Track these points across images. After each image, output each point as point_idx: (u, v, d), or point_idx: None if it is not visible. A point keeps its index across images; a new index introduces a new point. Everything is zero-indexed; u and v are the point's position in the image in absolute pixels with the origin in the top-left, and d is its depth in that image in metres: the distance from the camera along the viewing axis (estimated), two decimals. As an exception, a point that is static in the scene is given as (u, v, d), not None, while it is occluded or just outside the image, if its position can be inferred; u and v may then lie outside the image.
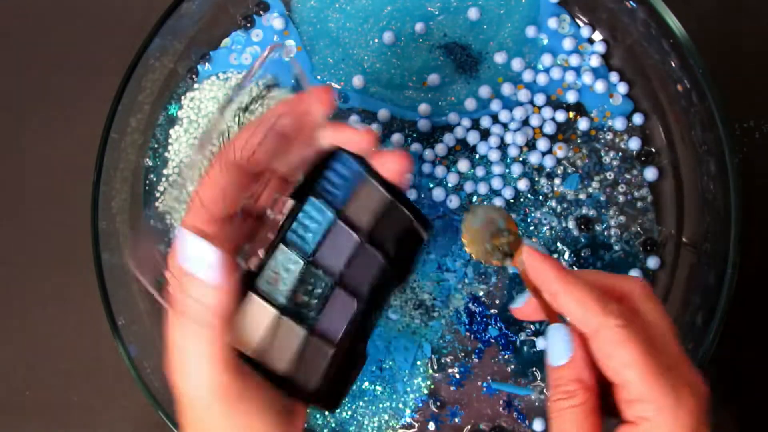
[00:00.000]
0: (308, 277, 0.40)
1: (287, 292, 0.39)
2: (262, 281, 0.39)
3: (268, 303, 0.39)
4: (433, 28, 0.54)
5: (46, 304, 0.57)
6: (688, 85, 0.50)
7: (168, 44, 0.53)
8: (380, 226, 0.41)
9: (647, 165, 0.53)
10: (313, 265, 0.40)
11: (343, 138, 0.40)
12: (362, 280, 0.40)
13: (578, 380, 0.35)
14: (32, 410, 0.56)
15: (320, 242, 0.40)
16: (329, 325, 0.40)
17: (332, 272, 0.40)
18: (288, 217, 0.39)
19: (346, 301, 0.40)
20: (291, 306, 0.39)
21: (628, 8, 0.52)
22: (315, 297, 0.40)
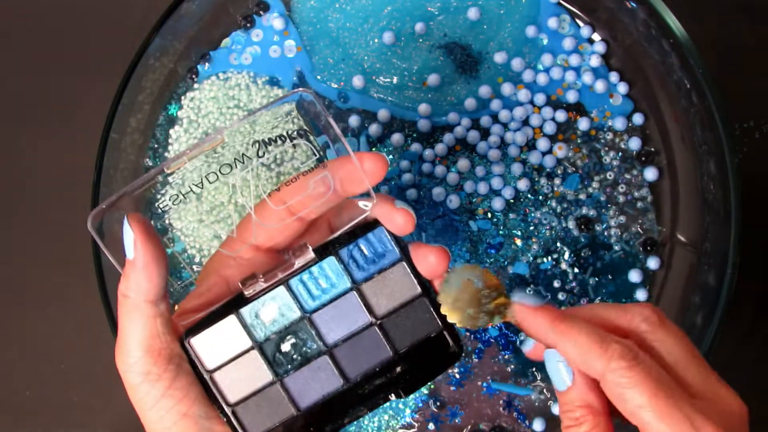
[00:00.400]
0: (299, 331, 0.39)
1: (272, 334, 0.39)
2: (250, 311, 0.39)
3: (246, 332, 0.38)
4: (433, 28, 0.54)
5: (46, 304, 0.57)
6: (688, 85, 0.50)
7: (168, 44, 0.53)
8: (400, 319, 0.39)
9: (647, 165, 0.53)
10: (309, 322, 0.39)
11: (387, 214, 0.39)
12: (357, 364, 0.39)
13: (585, 405, 0.34)
14: (32, 410, 0.56)
15: (325, 304, 0.39)
16: (302, 388, 0.39)
17: (325, 339, 0.39)
18: (304, 266, 0.39)
19: (329, 375, 0.39)
20: (270, 348, 0.39)
21: (628, 8, 0.52)
22: (300, 354, 0.39)
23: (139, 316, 0.36)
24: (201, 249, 0.53)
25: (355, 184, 0.38)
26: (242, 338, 0.38)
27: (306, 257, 0.38)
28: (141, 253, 0.35)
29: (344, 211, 0.41)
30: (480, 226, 0.53)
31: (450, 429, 0.52)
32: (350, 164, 0.38)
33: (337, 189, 0.39)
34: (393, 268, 0.39)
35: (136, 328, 0.36)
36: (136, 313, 0.36)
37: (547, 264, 0.53)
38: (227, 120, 0.53)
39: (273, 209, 0.39)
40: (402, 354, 0.39)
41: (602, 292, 0.52)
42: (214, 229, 0.53)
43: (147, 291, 0.36)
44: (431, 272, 0.39)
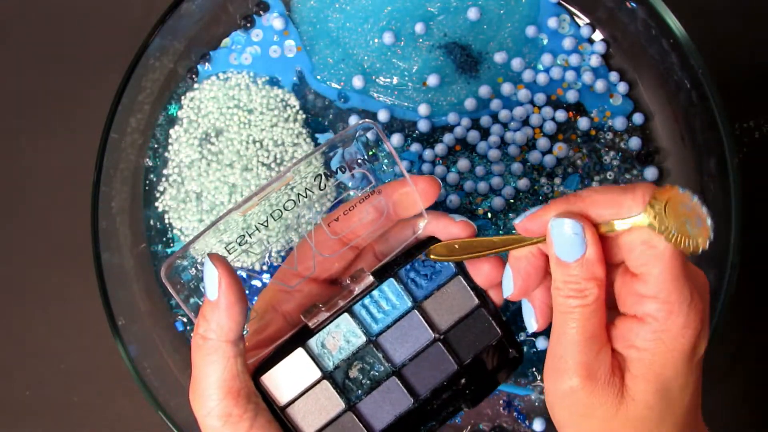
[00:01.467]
0: (366, 356, 0.39)
1: (340, 361, 0.39)
2: (316, 342, 0.39)
3: (314, 363, 0.39)
4: (433, 28, 0.54)
5: (46, 304, 0.57)
6: (688, 85, 0.50)
7: (168, 44, 0.53)
8: (461, 332, 0.40)
9: (647, 165, 0.53)
10: (375, 346, 0.39)
11: (441, 229, 0.39)
12: (425, 380, 0.40)
13: (592, 278, 0.33)
14: (32, 410, 0.56)
15: (389, 326, 0.39)
16: (374, 411, 0.39)
17: (393, 361, 0.39)
18: (363, 291, 0.39)
19: (399, 396, 0.39)
20: (339, 376, 0.39)
21: (628, 8, 0.52)
22: (369, 378, 0.39)
23: (220, 357, 0.35)
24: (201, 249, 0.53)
25: (408, 207, 0.39)
26: (312, 370, 0.39)
27: (365, 282, 0.39)
28: (225, 293, 0.34)
29: (390, 235, 0.41)
30: (480, 226, 0.53)
31: (450, 429, 0.52)
32: (402, 187, 0.38)
33: (389, 213, 0.39)
34: (450, 283, 0.40)
35: (215, 369, 0.35)
36: (217, 354, 0.35)
37: (547, 264, 0.53)
38: (227, 120, 0.53)
39: (330, 239, 0.39)
40: (466, 366, 0.40)
41: (602, 292, 0.52)
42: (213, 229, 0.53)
43: (229, 331, 0.35)
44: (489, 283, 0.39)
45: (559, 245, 0.33)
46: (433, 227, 0.40)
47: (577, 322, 0.33)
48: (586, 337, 0.33)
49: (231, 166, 0.53)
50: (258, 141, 0.53)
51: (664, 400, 0.33)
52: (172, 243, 0.54)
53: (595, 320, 0.33)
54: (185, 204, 0.53)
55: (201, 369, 0.35)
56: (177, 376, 0.52)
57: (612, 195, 0.33)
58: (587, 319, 0.33)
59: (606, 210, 0.33)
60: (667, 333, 0.32)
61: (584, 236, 0.33)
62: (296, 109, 0.54)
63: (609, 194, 0.33)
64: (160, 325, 0.53)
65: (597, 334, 0.33)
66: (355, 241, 0.40)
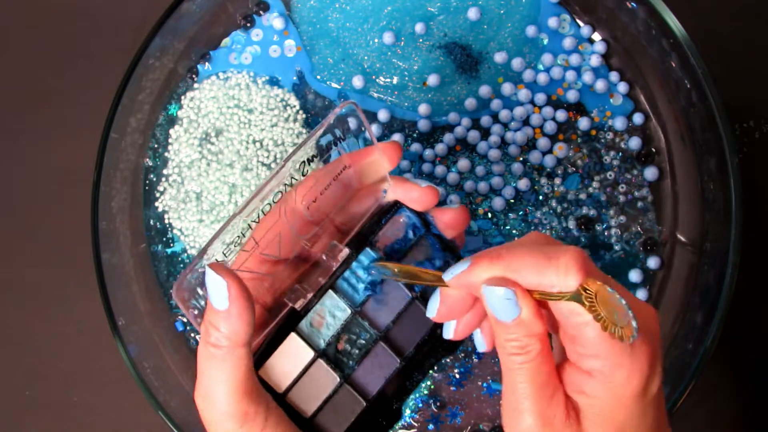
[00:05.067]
0: (353, 327, 0.40)
1: (330, 337, 0.40)
2: (305, 323, 0.39)
3: (307, 344, 0.39)
4: (433, 28, 0.54)
5: (46, 304, 0.57)
6: (688, 85, 0.50)
7: (168, 44, 0.53)
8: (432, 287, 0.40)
9: (647, 165, 0.53)
10: (360, 315, 0.40)
11: (405, 194, 0.40)
12: (409, 338, 0.41)
13: (531, 334, 0.33)
14: (32, 410, 0.56)
15: (370, 294, 0.40)
16: (366, 378, 0.40)
17: (378, 326, 0.40)
18: (341, 265, 0.39)
19: (388, 358, 0.40)
20: (330, 352, 0.40)
21: (628, 8, 0.52)
22: (357, 347, 0.40)
23: (235, 362, 0.35)
24: (201, 249, 0.53)
25: (372, 173, 0.39)
26: (305, 351, 0.39)
27: (342, 255, 0.39)
28: (236, 300, 0.35)
29: (352, 204, 0.41)
30: (480, 226, 0.53)
31: (450, 429, 0.52)
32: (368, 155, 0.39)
33: (354, 183, 0.39)
34: (420, 242, 0.41)
35: (230, 375, 0.35)
36: (231, 360, 0.35)
37: (547, 264, 0.53)
38: (227, 120, 0.53)
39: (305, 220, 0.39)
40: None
41: (602, 292, 0.52)
42: (214, 229, 0.53)
43: (243, 335, 0.35)
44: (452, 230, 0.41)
45: (494, 309, 0.34)
46: (396, 193, 0.40)
47: (524, 377, 0.34)
48: (536, 388, 0.34)
49: (231, 166, 0.53)
50: (258, 141, 0.53)
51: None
52: (172, 243, 0.54)
53: (543, 371, 0.34)
54: (185, 204, 0.53)
55: (213, 376, 0.35)
56: (177, 376, 0.52)
57: (535, 261, 0.33)
58: (534, 372, 0.34)
59: (531, 276, 0.33)
60: (614, 383, 0.33)
61: (516, 300, 0.33)
62: (296, 109, 0.54)
63: (532, 259, 0.33)
64: (160, 325, 0.53)
65: (547, 382, 0.34)
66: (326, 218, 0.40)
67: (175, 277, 0.54)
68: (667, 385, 0.48)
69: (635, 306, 0.33)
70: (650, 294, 0.52)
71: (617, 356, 0.32)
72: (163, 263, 0.54)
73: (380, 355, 0.40)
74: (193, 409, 0.51)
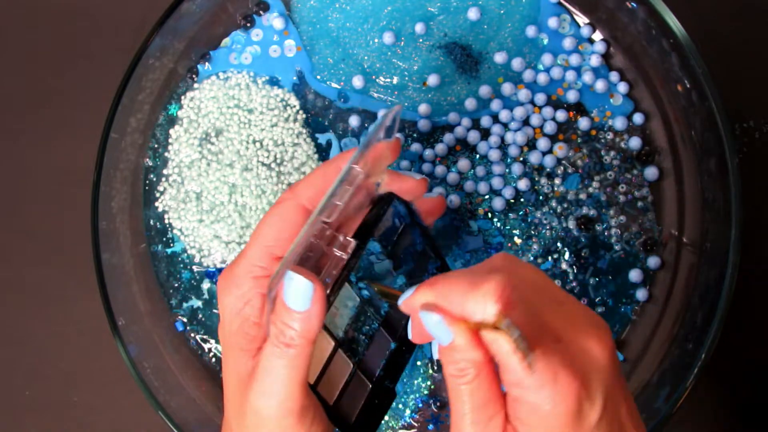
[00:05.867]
0: (361, 315, 0.41)
1: (344, 326, 0.41)
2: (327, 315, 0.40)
3: (329, 335, 0.41)
4: (433, 28, 0.54)
5: (46, 304, 0.57)
6: (688, 85, 0.50)
7: (168, 44, 0.53)
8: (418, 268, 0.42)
9: (647, 165, 0.53)
10: (368, 303, 0.41)
11: (401, 185, 0.41)
12: (400, 318, 0.42)
13: (468, 359, 0.34)
14: (32, 410, 0.56)
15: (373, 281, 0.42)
16: (370, 364, 0.41)
17: (380, 310, 0.42)
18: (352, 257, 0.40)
19: (384, 341, 0.42)
20: (345, 340, 0.41)
21: (628, 8, 0.52)
22: (363, 333, 0.42)
23: (303, 358, 0.37)
24: (201, 249, 0.53)
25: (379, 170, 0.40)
26: (327, 342, 0.41)
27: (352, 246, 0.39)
28: (319, 302, 0.36)
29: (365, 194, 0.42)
30: (480, 226, 0.53)
31: (450, 429, 0.52)
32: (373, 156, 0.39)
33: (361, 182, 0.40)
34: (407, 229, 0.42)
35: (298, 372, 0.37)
36: (302, 357, 0.37)
37: (548, 264, 0.53)
38: (227, 120, 0.53)
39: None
40: None
41: (602, 292, 0.52)
42: (214, 229, 0.53)
43: (315, 333, 0.37)
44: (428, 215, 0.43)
45: (431, 333, 0.34)
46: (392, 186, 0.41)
47: (463, 397, 0.34)
48: (473, 409, 0.34)
49: (231, 166, 0.53)
50: (258, 141, 0.53)
51: None
52: (172, 243, 0.54)
53: (480, 394, 0.34)
54: (185, 204, 0.53)
55: (280, 374, 0.37)
56: (177, 376, 0.52)
57: (461, 287, 0.33)
58: (471, 394, 0.34)
59: (456, 304, 0.33)
60: (541, 412, 0.33)
61: (446, 326, 0.33)
62: (296, 109, 0.54)
63: (459, 287, 0.33)
64: (160, 325, 0.53)
65: (485, 405, 0.34)
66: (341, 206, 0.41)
67: (175, 277, 0.54)
68: (667, 385, 0.48)
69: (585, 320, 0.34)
70: (650, 294, 0.52)
71: (538, 387, 0.32)
72: (163, 263, 0.54)
73: (380, 338, 0.42)
74: (192, 409, 0.51)
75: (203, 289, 0.54)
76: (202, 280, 0.54)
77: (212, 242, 0.53)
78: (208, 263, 0.53)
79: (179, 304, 0.54)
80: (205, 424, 0.51)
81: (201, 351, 0.53)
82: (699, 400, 0.53)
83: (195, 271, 0.54)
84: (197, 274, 0.54)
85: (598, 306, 0.52)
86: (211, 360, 0.53)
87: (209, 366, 0.53)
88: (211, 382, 0.53)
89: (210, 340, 0.54)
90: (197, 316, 0.54)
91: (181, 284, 0.54)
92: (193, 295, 0.54)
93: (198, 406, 0.52)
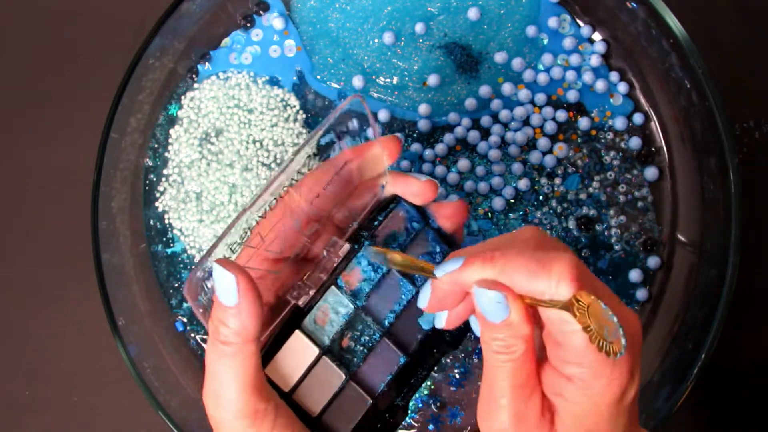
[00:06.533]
0: (356, 323, 0.39)
1: (333, 334, 0.39)
2: (309, 320, 0.39)
3: (312, 342, 0.39)
4: (433, 28, 0.54)
5: (46, 304, 0.57)
6: (688, 85, 0.50)
7: (168, 44, 0.53)
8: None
9: (647, 165, 0.53)
10: (363, 311, 0.39)
11: (404, 188, 0.40)
12: (412, 334, 0.40)
13: (518, 336, 0.33)
14: (32, 410, 0.56)
15: (373, 290, 0.40)
16: (371, 375, 0.39)
17: (381, 322, 0.40)
18: (342, 261, 0.39)
19: (391, 354, 0.40)
20: (335, 348, 0.39)
21: (628, 8, 0.52)
22: (361, 344, 0.40)
23: (244, 358, 0.35)
24: (201, 249, 0.53)
25: (372, 168, 0.39)
26: (310, 349, 0.39)
27: (343, 251, 0.39)
28: (245, 295, 0.34)
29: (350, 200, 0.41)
30: (480, 226, 0.53)
31: (450, 430, 0.52)
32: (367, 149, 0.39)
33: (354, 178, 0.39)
34: (419, 236, 0.40)
35: (240, 371, 0.35)
36: (241, 356, 0.35)
37: (547, 264, 0.53)
38: (227, 120, 0.53)
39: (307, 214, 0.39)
40: None
41: (602, 292, 0.53)
42: (214, 229, 0.53)
43: (253, 329, 0.35)
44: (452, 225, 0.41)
45: (484, 310, 0.34)
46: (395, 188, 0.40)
47: (506, 375, 0.34)
48: (515, 386, 0.34)
49: (231, 166, 0.53)
50: (258, 141, 0.53)
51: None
52: (172, 243, 0.54)
53: (524, 371, 0.34)
54: (185, 204, 0.53)
55: (223, 374, 0.35)
56: (177, 376, 0.52)
57: (528, 268, 0.33)
58: (516, 371, 0.34)
59: (523, 282, 0.33)
60: (593, 391, 0.33)
61: (507, 303, 0.33)
62: (296, 109, 0.54)
63: (525, 265, 0.33)
64: (160, 325, 0.53)
65: (526, 382, 0.34)
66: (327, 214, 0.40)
67: (175, 277, 0.54)
68: (667, 385, 0.48)
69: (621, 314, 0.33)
70: (650, 294, 0.52)
71: (600, 366, 0.32)
72: (163, 263, 0.54)
73: (384, 351, 0.40)
74: (192, 409, 0.51)
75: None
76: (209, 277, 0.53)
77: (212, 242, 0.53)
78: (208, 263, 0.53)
79: (179, 304, 0.54)
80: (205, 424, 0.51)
81: (201, 351, 0.53)
82: (699, 400, 0.53)
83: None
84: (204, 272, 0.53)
85: (598, 306, 0.52)
86: (211, 360, 0.53)
87: (209, 366, 0.53)
88: (211, 382, 0.53)
89: (210, 340, 0.54)
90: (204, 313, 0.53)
91: (181, 284, 0.54)
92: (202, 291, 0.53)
93: (198, 406, 0.52)
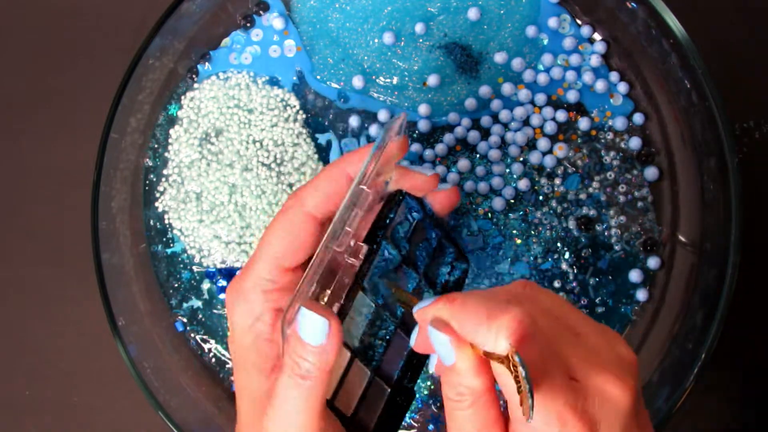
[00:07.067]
0: (377, 320, 0.40)
1: (360, 335, 0.40)
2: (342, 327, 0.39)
3: (345, 346, 0.39)
4: (433, 28, 0.54)
5: (46, 304, 0.57)
6: (688, 85, 0.50)
7: (168, 44, 0.53)
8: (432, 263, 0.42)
9: (647, 165, 0.53)
10: (383, 307, 0.40)
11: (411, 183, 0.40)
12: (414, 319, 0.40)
13: (465, 385, 0.33)
14: (32, 410, 0.56)
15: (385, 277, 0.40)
16: (388, 366, 0.40)
17: (395, 313, 0.40)
18: (364, 262, 0.39)
19: (401, 341, 0.40)
20: (361, 349, 0.40)
21: (628, 8, 0.52)
22: (379, 338, 0.40)
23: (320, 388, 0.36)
24: (201, 249, 0.53)
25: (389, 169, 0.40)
26: (344, 354, 0.39)
27: (363, 252, 0.39)
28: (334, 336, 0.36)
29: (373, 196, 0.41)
30: (480, 226, 0.53)
31: (450, 429, 0.52)
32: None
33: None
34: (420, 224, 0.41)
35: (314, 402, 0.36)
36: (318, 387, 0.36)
37: (548, 264, 0.53)
38: (227, 120, 0.53)
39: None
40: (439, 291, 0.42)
41: (602, 292, 0.53)
42: (214, 230, 0.53)
43: (331, 364, 0.36)
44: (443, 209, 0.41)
45: (437, 350, 0.33)
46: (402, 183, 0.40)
47: (458, 421, 0.33)
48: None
49: (231, 166, 0.53)
50: (258, 141, 0.53)
51: None
52: (172, 243, 0.54)
53: (478, 420, 0.33)
54: (185, 204, 0.53)
55: (295, 404, 0.36)
56: (177, 376, 0.52)
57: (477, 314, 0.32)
58: (466, 420, 0.33)
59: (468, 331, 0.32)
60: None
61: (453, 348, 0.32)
62: (296, 109, 0.54)
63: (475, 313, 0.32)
64: (160, 325, 0.53)
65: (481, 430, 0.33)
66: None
67: (175, 277, 0.54)
68: (667, 385, 0.48)
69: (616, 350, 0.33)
70: (650, 294, 0.52)
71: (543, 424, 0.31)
72: (163, 263, 0.54)
73: (397, 340, 0.40)
74: (192, 409, 0.51)
75: (203, 289, 0.54)
76: (202, 281, 0.54)
77: (212, 242, 0.53)
78: (208, 263, 0.53)
79: (179, 304, 0.54)
80: (205, 424, 0.51)
81: (201, 351, 0.53)
82: (699, 400, 0.53)
83: (195, 272, 0.54)
84: (197, 275, 0.54)
85: (599, 306, 0.52)
86: (211, 360, 0.53)
87: (209, 366, 0.53)
88: (211, 382, 0.53)
89: (210, 340, 0.54)
90: (197, 316, 0.54)
91: (181, 284, 0.54)
92: (193, 295, 0.54)
93: (198, 406, 0.52)
